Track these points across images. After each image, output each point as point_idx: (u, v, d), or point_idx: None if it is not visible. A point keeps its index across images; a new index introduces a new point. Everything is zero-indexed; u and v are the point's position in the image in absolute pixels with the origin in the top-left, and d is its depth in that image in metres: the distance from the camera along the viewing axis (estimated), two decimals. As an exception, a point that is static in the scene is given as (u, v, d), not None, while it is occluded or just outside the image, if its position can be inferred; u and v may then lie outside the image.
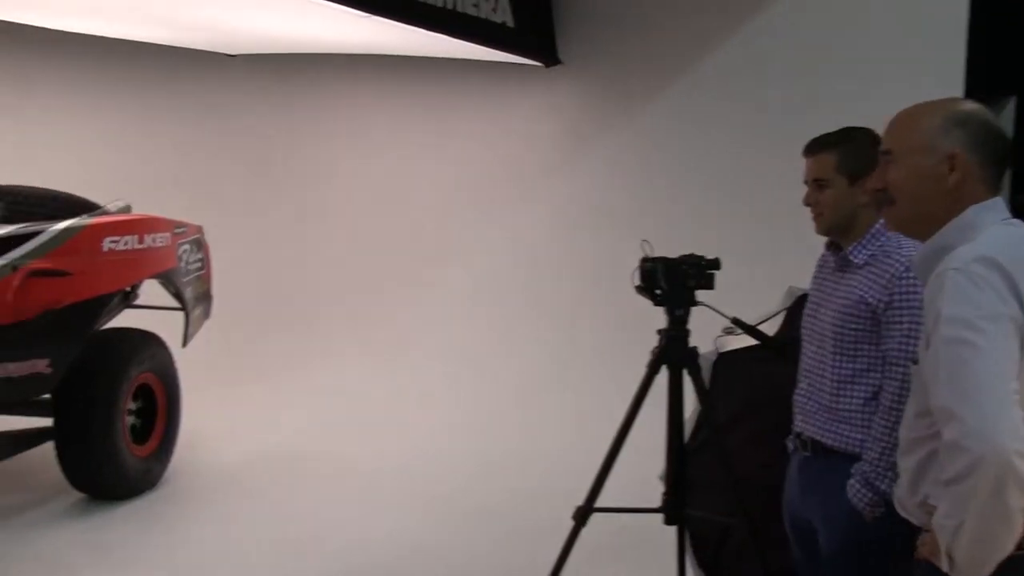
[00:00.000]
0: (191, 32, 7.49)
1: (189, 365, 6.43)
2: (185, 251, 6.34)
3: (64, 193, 6.08)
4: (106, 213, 5.89)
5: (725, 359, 3.85)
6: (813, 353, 2.91)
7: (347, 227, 8.39)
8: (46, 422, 5.61)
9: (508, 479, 6.03)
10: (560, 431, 6.58)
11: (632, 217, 7.04)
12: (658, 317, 3.70)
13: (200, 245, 6.64)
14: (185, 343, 6.44)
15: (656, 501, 3.74)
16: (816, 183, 2.86)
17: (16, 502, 5.67)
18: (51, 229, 5.31)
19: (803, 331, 3.00)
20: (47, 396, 5.60)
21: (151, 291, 6.33)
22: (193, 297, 6.47)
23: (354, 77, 8.46)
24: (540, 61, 7.48)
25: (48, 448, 5.58)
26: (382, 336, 7.96)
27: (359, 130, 8.49)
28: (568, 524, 3.68)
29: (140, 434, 5.90)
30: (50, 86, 9.35)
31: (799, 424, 2.94)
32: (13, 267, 5.01)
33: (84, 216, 5.67)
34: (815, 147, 2.88)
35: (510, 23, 6.85)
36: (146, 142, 9.12)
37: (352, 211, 8.40)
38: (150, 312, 6.37)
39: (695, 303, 3.60)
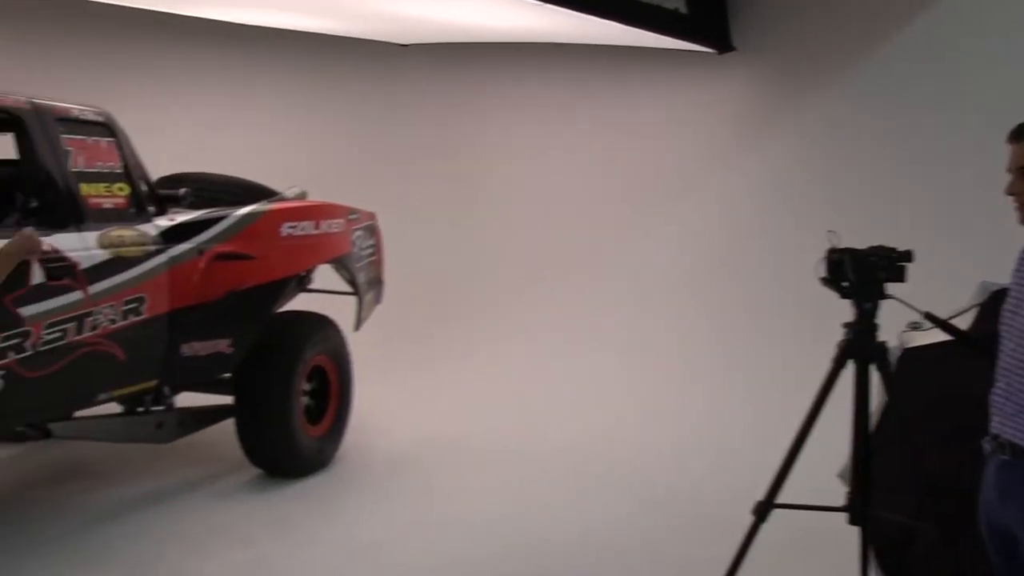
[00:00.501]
0: (363, 22, 7.65)
1: (360, 349, 6.58)
2: (358, 237, 6.48)
3: (244, 180, 6.31)
4: (283, 199, 6.08)
5: (910, 355, 3.68)
6: (1012, 351, 2.74)
7: (514, 215, 8.41)
8: (227, 400, 5.84)
9: (681, 470, 5.93)
10: (736, 424, 6.43)
11: (810, 208, 6.81)
12: (842, 310, 3.57)
13: (373, 231, 6.78)
14: (357, 327, 6.59)
15: (835, 500, 3.62)
16: (1021, 171, 2.68)
17: (199, 475, 5.91)
18: (234, 215, 5.52)
19: (1002, 328, 2.83)
20: (228, 375, 5.84)
21: (325, 276, 6.51)
22: (365, 282, 6.62)
23: (522, 65, 8.47)
24: (713, 48, 7.32)
25: (229, 424, 5.81)
26: (549, 325, 7.97)
27: (528, 119, 8.51)
28: (745, 519, 3.59)
29: (314, 414, 6.05)
30: (228, 79, 9.71)
31: (996, 426, 2.77)
32: (199, 250, 5.23)
33: (264, 202, 5.87)
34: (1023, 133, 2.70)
35: (683, 9, 6.74)
36: (318, 131, 9.36)
37: (519, 200, 8.42)
38: (323, 296, 6.55)
39: (885, 296, 3.45)
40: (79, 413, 5.22)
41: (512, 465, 6.14)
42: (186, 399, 5.82)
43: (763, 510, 3.57)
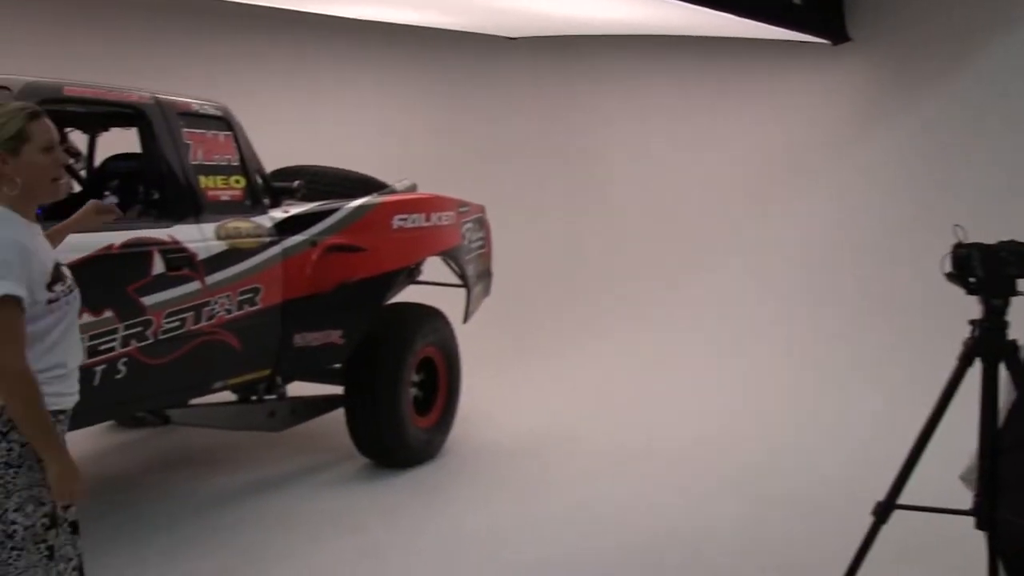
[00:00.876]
0: (471, 16, 7.68)
1: (468, 341, 6.60)
2: (468, 229, 6.51)
3: (355, 172, 6.39)
4: (394, 192, 6.13)
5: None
6: None
7: (623, 210, 8.36)
8: (337, 390, 5.92)
9: (800, 470, 5.78)
10: (857, 424, 6.26)
11: (931, 202, 6.61)
12: (968, 307, 3.44)
13: (482, 224, 6.80)
14: (466, 319, 6.62)
15: (960, 502, 3.49)
16: None
17: (309, 463, 6.01)
18: (346, 207, 5.58)
19: None
20: (339, 365, 5.91)
21: (434, 267, 6.55)
22: (474, 275, 6.64)
23: (632, 58, 8.41)
24: (827, 39, 7.16)
25: (339, 414, 5.88)
26: (657, 321, 7.89)
27: (637, 112, 8.44)
28: (866, 520, 3.48)
29: (422, 406, 6.10)
30: (338, 73, 9.85)
31: None
32: (312, 242, 5.30)
33: (375, 195, 5.93)
34: None
35: (798, 0, 6.60)
36: (426, 125, 9.45)
37: (628, 194, 8.36)
38: (431, 288, 6.58)
39: (1016, 293, 3.31)
40: (195, 401, 5.36)
41: (624, 461, 6.08)
42: (296, 388, 5.94)
43: (884, 511, 3.46)
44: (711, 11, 5.98)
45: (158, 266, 4.37)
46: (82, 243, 3.93)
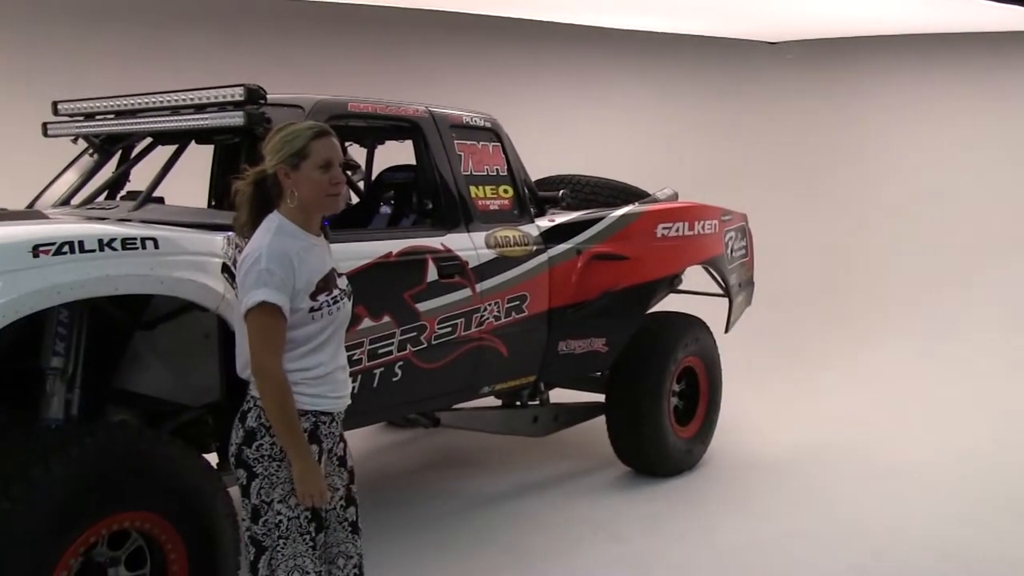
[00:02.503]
0: (731, 22, 7.55)
1: (729, 351, 6.47)
2: (731, 238, 6.39)
3: (617, 181, 6.37)
4: (656, 201, 6.08)
5: None
6: None
7: (894, 215, 7.99)
8: (599, 398, 5.95)
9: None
10: None
11: None
12: None
13: (744, 232, 6.66)
14: (728, 329, 6.49)
15: None
16: None
17: (570, 469, 6.07)
18: (611, 215, 5.59)
19: None
20: (600, 373, 5.93)
21: (694, 275, 6.46)
22: (737, 284, 6.51)
23: (902, 59, 8.02)
24: None
25: (599, 422, 5.90)
26: (929, 331, 7.49)
27: (907, 113, 8.07)
28: None
29: (683, 416, 6.04)
30: (597, 82, 9.91)
31: None
32: (577, 251, 5.34)
33: (638, 203, 5.90)
34: None
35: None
36: (686, 132, 9.35)
37: (899, 199, 8.00)
38: (692, 296, 6.49)
39: None
40: (462, 404, 5.50)
41: (886, 477, 5.85)
42: (559, 395, 5.99)
43: None
44: (1000, 4, 5.60)
45: (432, 273, 4.50)
46: (363, 251, 4.14)
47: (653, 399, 5.69)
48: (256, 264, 2.74)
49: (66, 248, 3.05)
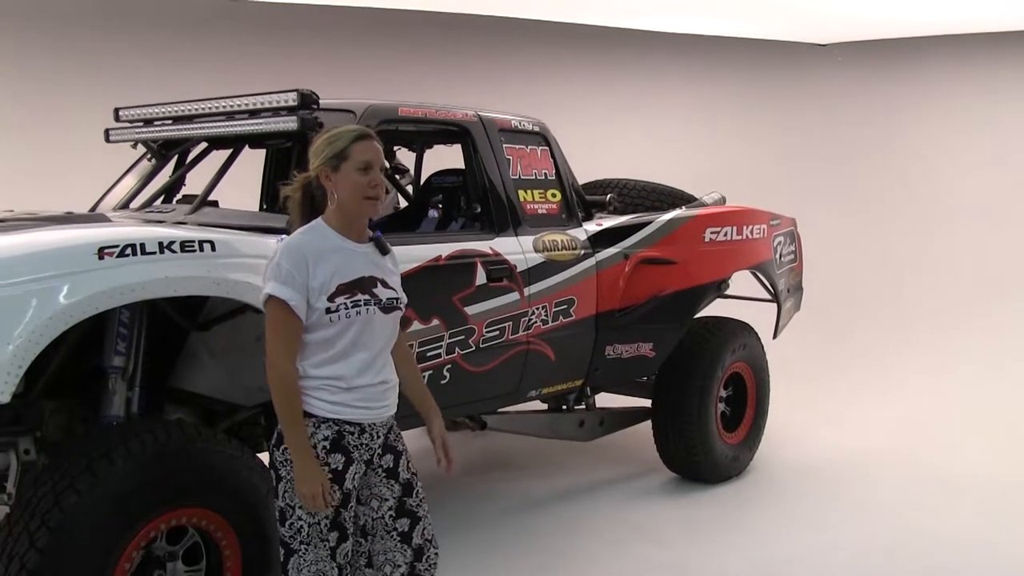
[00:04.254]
0: (781, 24, 7.52)
1: (777, 356, 6.44)
2: (779, 243, 6.37)
3: (663, 185, 6.38)
4: (703, 205, 6.08)
5: None
6: None
7: (947, 220, 7.91)
8: (645, 402, 5.96)
9: None
10: None
11: None
12: None
13: (793, 238, 6.63)
14: (776, 335, 6.48)
15: None
16: None
17: (616, 474, 6.08)
18: (658, 220, 5.60)
19: None
20: (646, 378, 5.94)
21: (741, 281, 6.44)
22: (785, 289, 6.49)
23: (956, 60, 7.94)
24: None
25: (644, 427, 5.91)
26: (977, 342, 7.40)
27: (963, 116, 7.96)
28: None
29: (730, 422, 6.04)
30: (639, 85, 9.90)
31: None
32: (625, 255, 5.35)
33: (686, 208, 5.91)
34: None
35: None
36: (733, 135, 9.33)
37: (953, 204, 7.92)
38: (739, 301, 6.48)
39: None
40: (508, 408, 5.53)
41: (940, 488, 5.78)
42: (604, 400, 6.01)
43: None
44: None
45: (480, 277, 4.54)
46: (413, 255, 4.18)
47: (700, 405, 5.68)
48: (271, 260, 2.80)
49: (129, 250, 3.13)
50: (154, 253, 3.19)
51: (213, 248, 3.38)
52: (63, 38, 7.65)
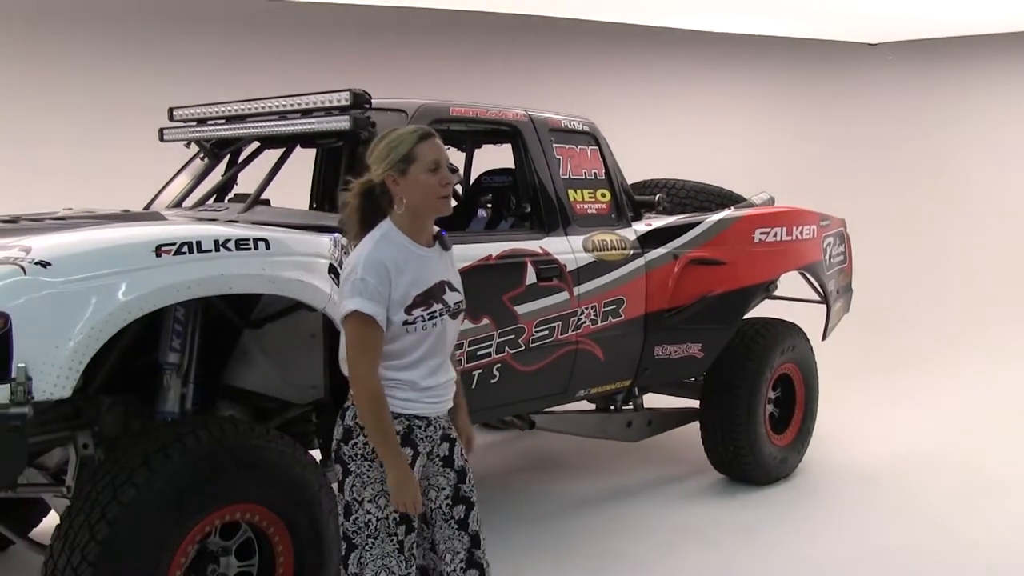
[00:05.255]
0: (829, 23, 7.45)
1: (826, 358, 6.38)
2: (829, 244, 6.31)
3: (712, 185, 6.35)
4: (752, 206, 6.04)
5: None
6: None
7: (998, 221, 7.81)
8: (693, 403, 5.93)
9: None
10: None
11: None
12: None
13: (843, 238, 6.58)
14: (825, 336, 6.42)
15: None
16: None
17: (663, 474, 6.06)
18: (707, 220, 5.57)
19: None
20: (694, 379, 5.91)
21: (790, 281, 6.39)
22: (834, 290, 6.43)
23: (1007, 59, 7.84)
24: None
25: (692, 428, 5.88)
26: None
27: (1013, 118, 7.86)
28: None
29: (779, 423, 5.99)
30: (689, 85, 9.85)
31: None
32: (674, 255, 5.33)
33: (735, 208, 5.87)
34: None
35: None
36: (783, 136, 9.26)
37: (1005, 205, 7.81)
38: (788, 302, 6.42)
39: None
40: (557, 407, 5.53)
41: (985, 496, 5.70)
42: (652, 400, 5.99)
43: None
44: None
45: (530, 276, 4.54)
46: (463, 254, 4.15)
47: (749, 406, 5.64)
48: (352, 273, 2.75)
49: (185, 248, 3.17)
50: (210, 251, 3.22)
51: (267, 246, 3.41)
52: (119, 40, 7.77)
